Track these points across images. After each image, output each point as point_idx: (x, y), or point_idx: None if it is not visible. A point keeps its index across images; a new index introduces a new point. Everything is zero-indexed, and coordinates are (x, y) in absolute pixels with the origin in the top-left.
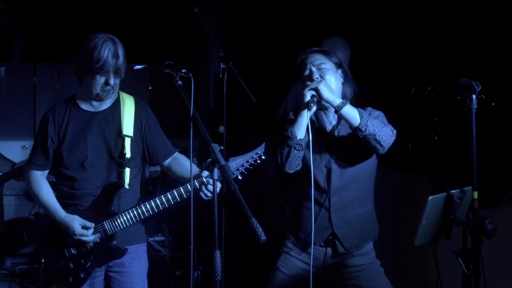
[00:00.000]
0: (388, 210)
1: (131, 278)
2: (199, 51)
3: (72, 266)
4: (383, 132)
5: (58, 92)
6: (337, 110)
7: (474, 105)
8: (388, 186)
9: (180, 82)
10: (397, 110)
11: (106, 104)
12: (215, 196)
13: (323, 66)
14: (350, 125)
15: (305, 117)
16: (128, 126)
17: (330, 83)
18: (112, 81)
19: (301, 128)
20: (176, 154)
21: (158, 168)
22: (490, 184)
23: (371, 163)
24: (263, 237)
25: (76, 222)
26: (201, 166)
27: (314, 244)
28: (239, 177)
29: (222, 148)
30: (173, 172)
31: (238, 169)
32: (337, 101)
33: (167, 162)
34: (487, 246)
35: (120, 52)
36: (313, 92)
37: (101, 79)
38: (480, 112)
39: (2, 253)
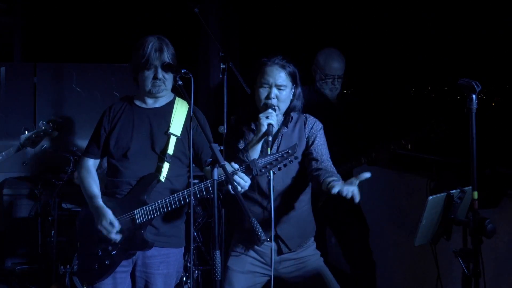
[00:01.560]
0: (388, 210)
1: (155, 281)
2: (199, 51)
3: (100, 253)
4: None
5: (60, 93)
6: None
7: (474, 105)
8: (388, 186)
9: (180, 82)
10: (397, 110)
11: (159, 103)
12: (215, 196)
13: (283, 88)
14: None
15: (261, 144)
16: (176, 126)
17: (284, 102)
18: (160, 75)
19: (257, 152)
20: None
21: None
22: (490, 184)
23: None
24: (263, 237)
25: (106, 216)
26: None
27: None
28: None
29: (222, 148)
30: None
31: (266, 167)
32: None
33: (208, 167)
34: (487, 246)
35: (165, 47)
36: (270, 121)
37: (149, 74)
38: (480, 112)
39: (2, 253)
